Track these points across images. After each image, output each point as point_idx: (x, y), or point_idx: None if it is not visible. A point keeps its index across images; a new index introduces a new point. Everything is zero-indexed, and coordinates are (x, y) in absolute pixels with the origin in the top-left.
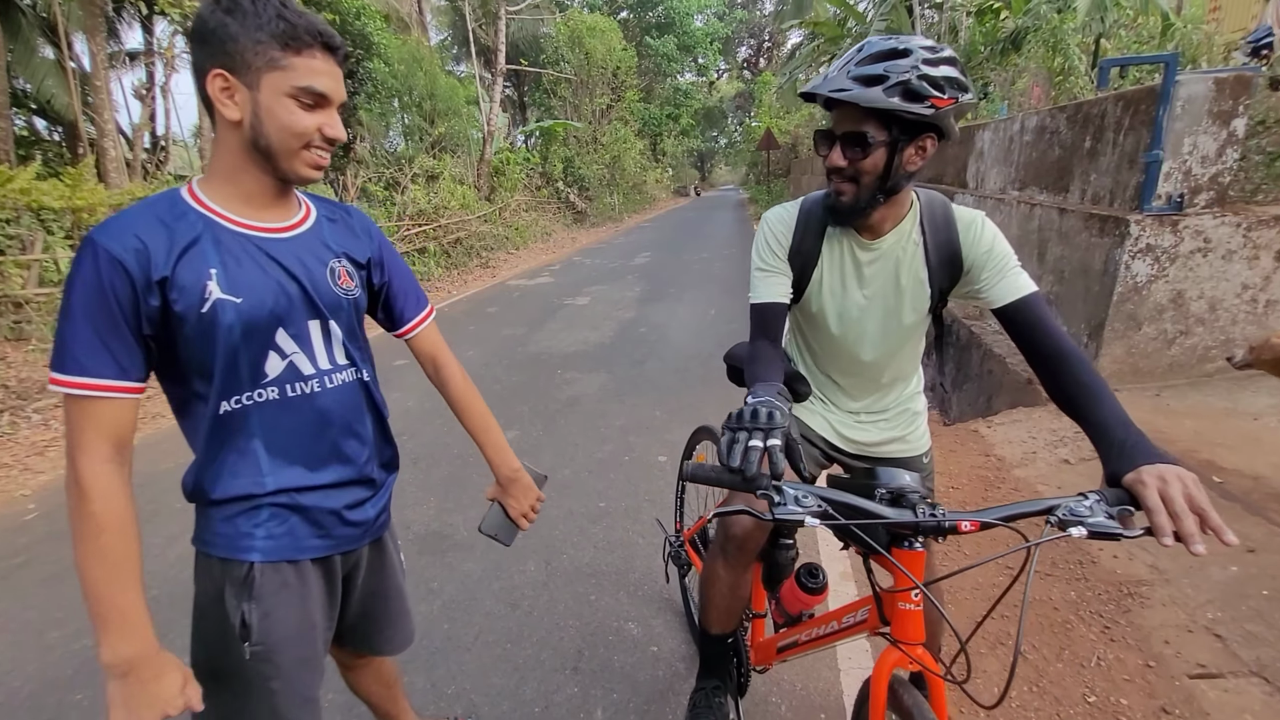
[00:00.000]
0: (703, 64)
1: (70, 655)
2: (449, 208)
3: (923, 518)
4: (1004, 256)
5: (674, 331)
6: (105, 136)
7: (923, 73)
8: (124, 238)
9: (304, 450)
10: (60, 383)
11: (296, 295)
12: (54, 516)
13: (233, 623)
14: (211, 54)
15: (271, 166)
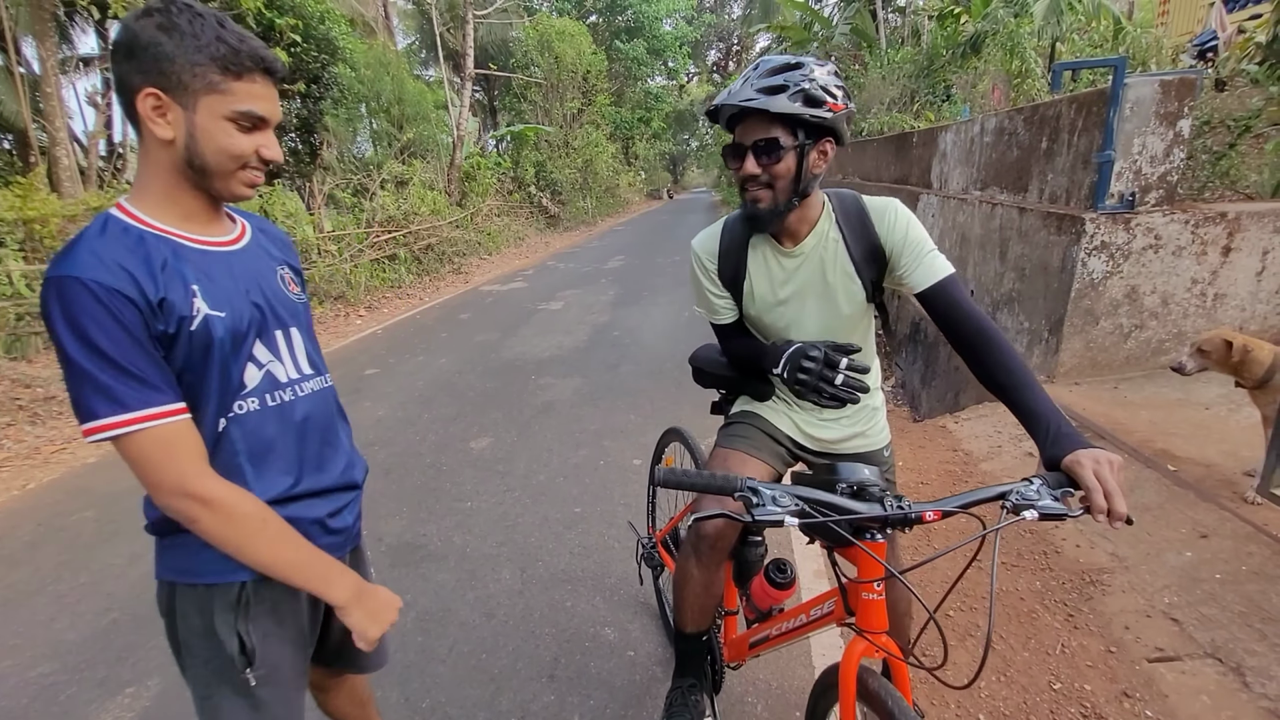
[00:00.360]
0: (673, 68)
1: (25, 684)
2: (419, 214)
3: (890, 510)
4: (919, 242)
5: (648, 335)
6: (58, 145)
7: (817, 80)
8: (108, 268)
9: (285, 459)
10: (116, 425)
11: (264, 305)
12: (4, 541)
13: (230, 651)
14: (143, 70)
15: (206, 185)
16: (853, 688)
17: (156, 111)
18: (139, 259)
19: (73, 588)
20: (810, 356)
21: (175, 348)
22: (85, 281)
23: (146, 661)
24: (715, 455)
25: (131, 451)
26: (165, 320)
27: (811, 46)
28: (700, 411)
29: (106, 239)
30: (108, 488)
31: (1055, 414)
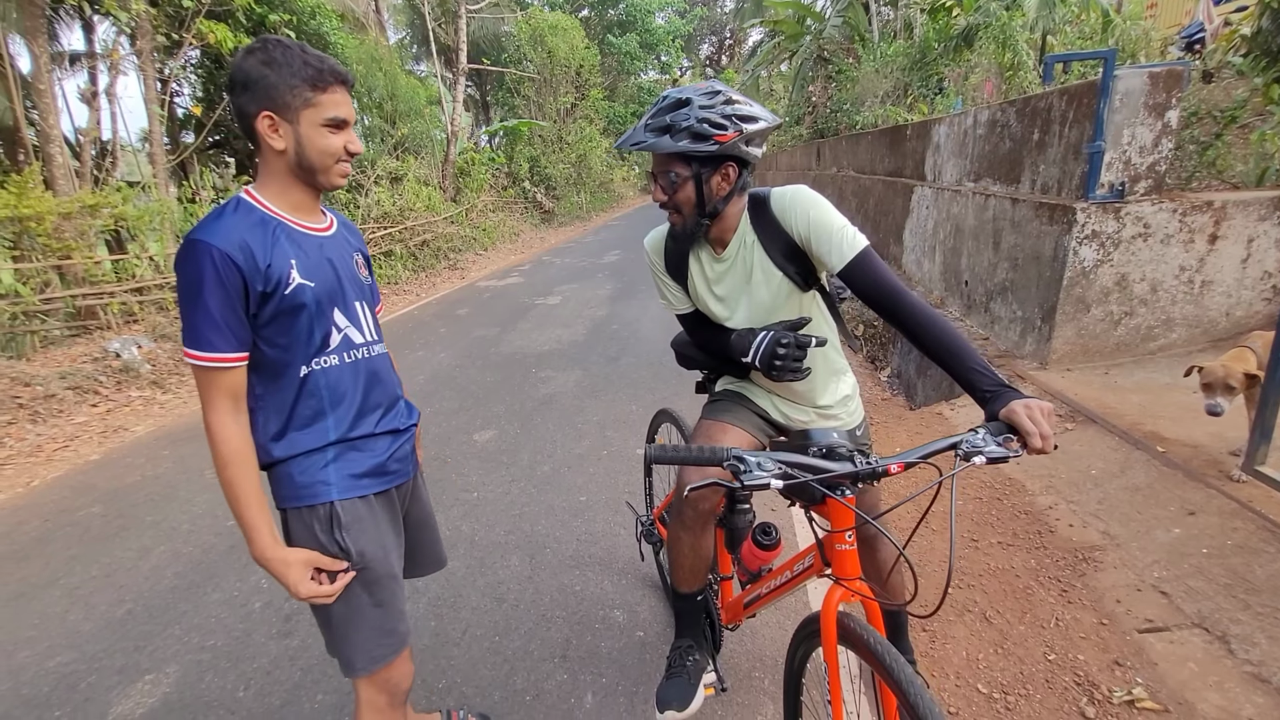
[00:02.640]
0: (665, 62)
1: (44, 673)
2: (414, 209)
3: (860, 466)
4: (824, 224)
5: (646, 328)
6: (51, 142)
7: (702, 116)
8: (230, 238)
9: (357, 404)
10: (195, 357)
11: (343, 280)
12: (15, 536)
13: (333, 553)
14: (256, 99)
15: (311, 180)
16: (833, 632)
17: (271, 129)
18: (257, 233)
19: (84, 581)
20: (783, 344)
21: (269, 304)
22: (211, 245)
23: (163, 650)
24: (700, 428)
25: (200, 377)
26: (266, 281)
27: (804, 40)
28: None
29: (238, 215)
30: (112, 484)
31: (988, 372)
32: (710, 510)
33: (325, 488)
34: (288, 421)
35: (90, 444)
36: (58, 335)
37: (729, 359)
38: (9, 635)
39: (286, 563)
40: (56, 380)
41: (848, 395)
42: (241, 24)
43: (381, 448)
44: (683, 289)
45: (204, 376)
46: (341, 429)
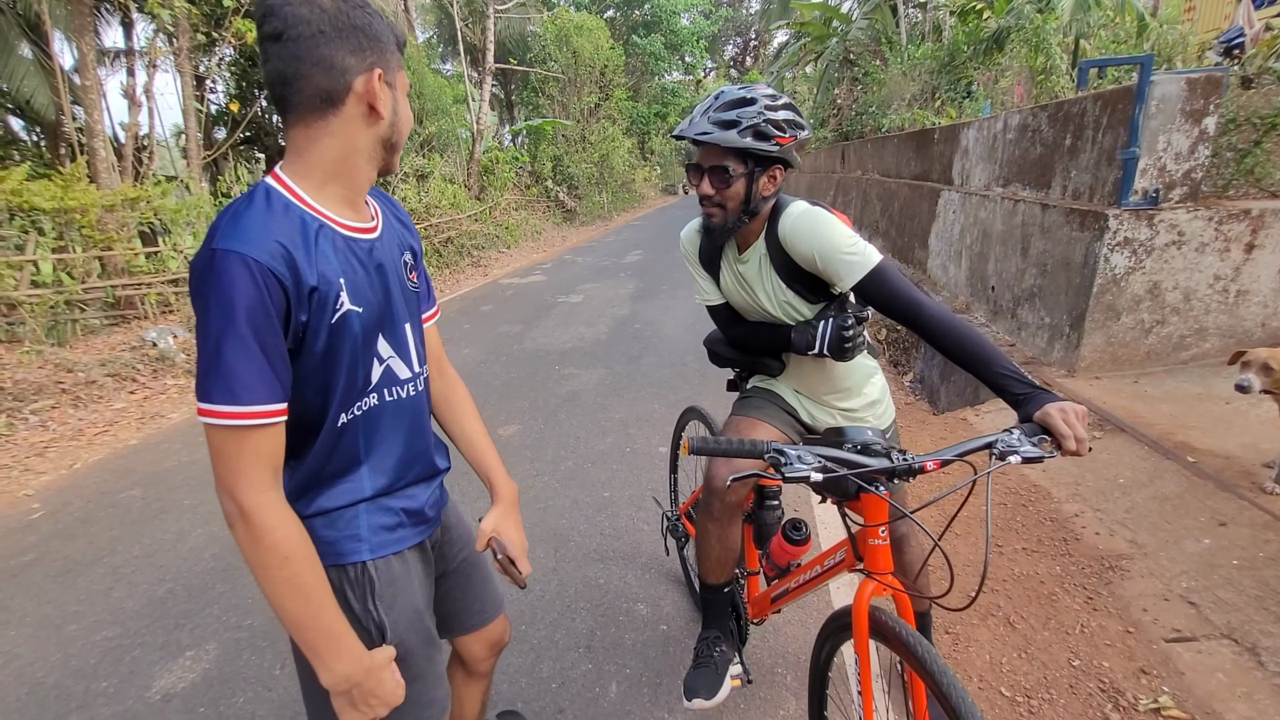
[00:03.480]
0: (690, 62)
1: (91, 646)
2: (440, 207)
3: (897, 463)
4: (833, 246)
5: (668, 328)
6: (96, 136)
7: (767, 117)
8: (267, 245)
9: (398, 454)
10: (221, 414)
11: (394, 297)
12: (60, 515)
13: (365, 626)
14: (367, 52)
15: (388, 161)
16: (865, 625)
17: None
18: (298, 239)
19: (126, 560)
20: (846, 326)
21: (310, 338)
22: (247, 257)
23: (203, 629)
24: (730, 423)
25: (222, 440)
26: (308, 310)
27: (830, 43)
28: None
29: (271, 213)
30: (150, 468)
31: (1023, 379)
32: (738, 504)
33: (356, 544)
34: (314, 479)
35: (129, 429)
36: (97, 324)
37: (761, 353)
38: (58, 609)
39: (379, 667)
40: (97, 367)
41: (876, 400)
42: None
43: (422, 495)
44: (714, 281)
45: (233, 440)
46: (378, 482)
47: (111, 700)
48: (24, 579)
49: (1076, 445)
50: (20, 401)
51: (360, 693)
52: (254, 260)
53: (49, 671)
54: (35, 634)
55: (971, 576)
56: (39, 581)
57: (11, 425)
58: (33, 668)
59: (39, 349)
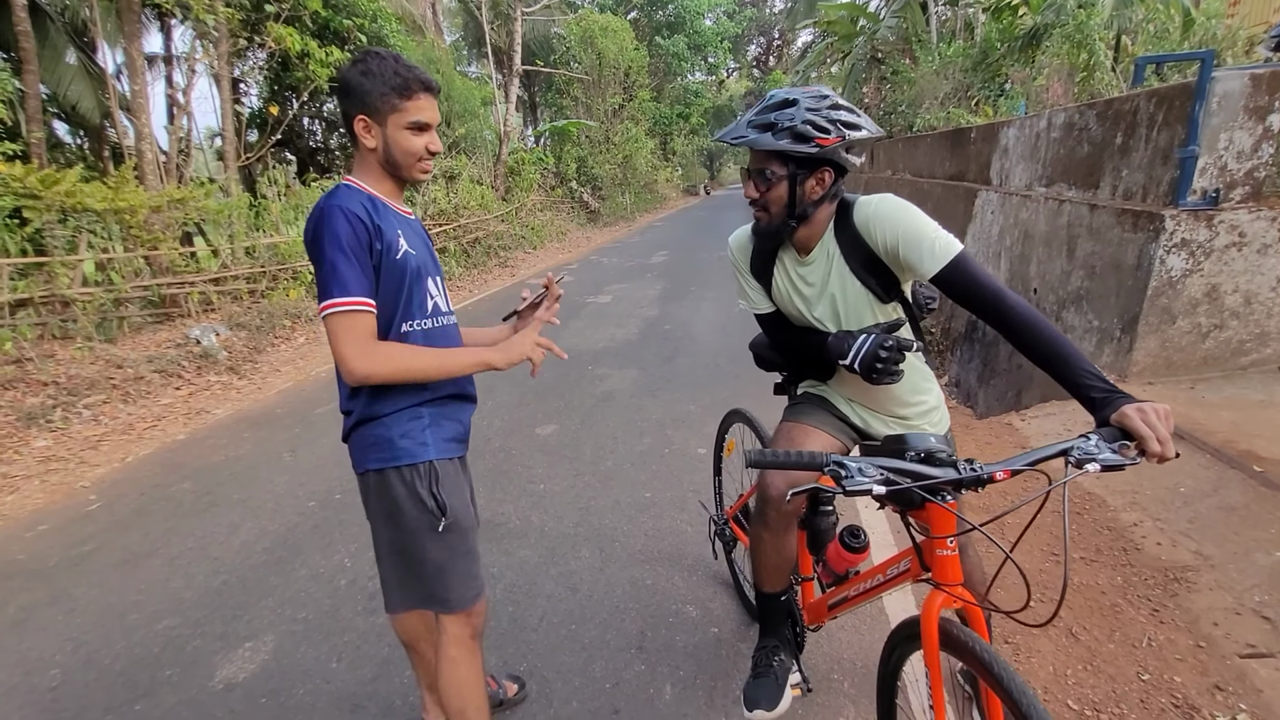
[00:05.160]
0: (713, 63)
1: (154, 635)
2: (468, 207)
3: (964, 473)
4: (914, 233)
5: (700, 328)
6: (143, 140)
7: (807, 118)
8: (353, 204)
9: None
10: (338, 304)
11: (429, 256)
12: (116, 507)
13: (430, 508)
14: (354, 104)
15: (398, 174)
16: (935, 637)
17: (365, 130)
18: (368, 206)
19: (182, 551)
20: (885, 347)
21: (383, 267)
22: (343, 209)
23: (259, 620)
24: (781, 430)
25: (337, 324)
26: (382, 242)
27: (857, 42)
28: (759, 403)
29: (351, 193)
30: (199, 462)
31: (1100, 378)
32: (793, 511)
33: (424, 448)
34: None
35: (176, 424)
36: (142, 321)
37: (809, 361)
38: (120, 599)
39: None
40: (144, 363)
41: (934, 407)
42: (308, 28)
43: (465, 415)
44: (764, 290)
45: (348, 322)
46: (438, 389)
47: (176, 689)
48: (86, 568)
49: (1161, 447)
50: (74, 396)
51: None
52: (348, 209)
53: (115, 659)
54: (100, 622)
55: (1037, 589)
56: (100, 571)
57: (67, 419)
58: (100, 655)
59: (90, 345)
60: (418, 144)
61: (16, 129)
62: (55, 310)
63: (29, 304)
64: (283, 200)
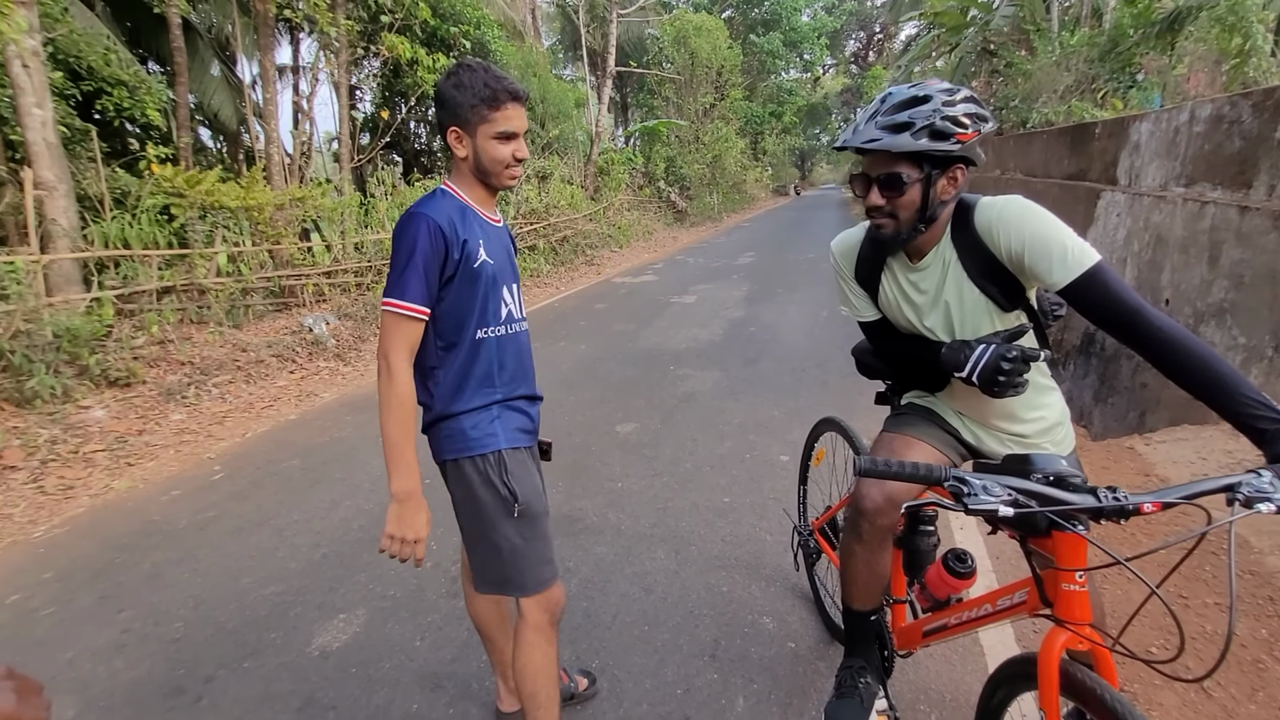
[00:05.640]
0: (809, 60)
1: (262, 599)
2: (558, 207)
3: (1105, 501)
4: (1043, 239)
5: (786, 332)
6: (272, 143)
7: (945, 114)
8: (439, 213)
9: (514, 371)
10: (397, 305)
11: (511, 264)
12: (236, 478)
13: (504, 495)
14: (448, 115)
15: (486, 181)
16: (1055, 679)
17: (456, 140)
18: (457, 215)
19: (289, 524)
20: (1009, 358)
21: (459, 275)
22: (429, 217)
23: (353, 594)
24: (882, 440)
25: (391, 323)
26: (460, 252)
27: (967, 33)
28: (848, 412)
29: (445, 200)
30: (306, 441)
31: (1266, 405)
32: (889, 527)
33: (493, 439)
34: (464, 379)
35: (289, 405)
36: (264, 309)
37: (918, 372)
38: (235, 563)
39: (420, 506)
40: (265, 348)
41: (1056, 423)
42: (418, 36)
43: (531, 409)
44: (869, 297)
45: (397, 324)
46: (505, 390)
47: (279, 651)
48: (209, 533)
49: None
50: (206, 375)
51: (405, 510)
52: (432, 219)
53: (228, 618)
54: (218, 583)
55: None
56: (219, 537)
57: (199, 396)
58: (216, 613)
59: (220, 330)
60: (505, 152)
61: (169, 135)
62: (193, 297)
63: (172, 291)
64: (389, 199)
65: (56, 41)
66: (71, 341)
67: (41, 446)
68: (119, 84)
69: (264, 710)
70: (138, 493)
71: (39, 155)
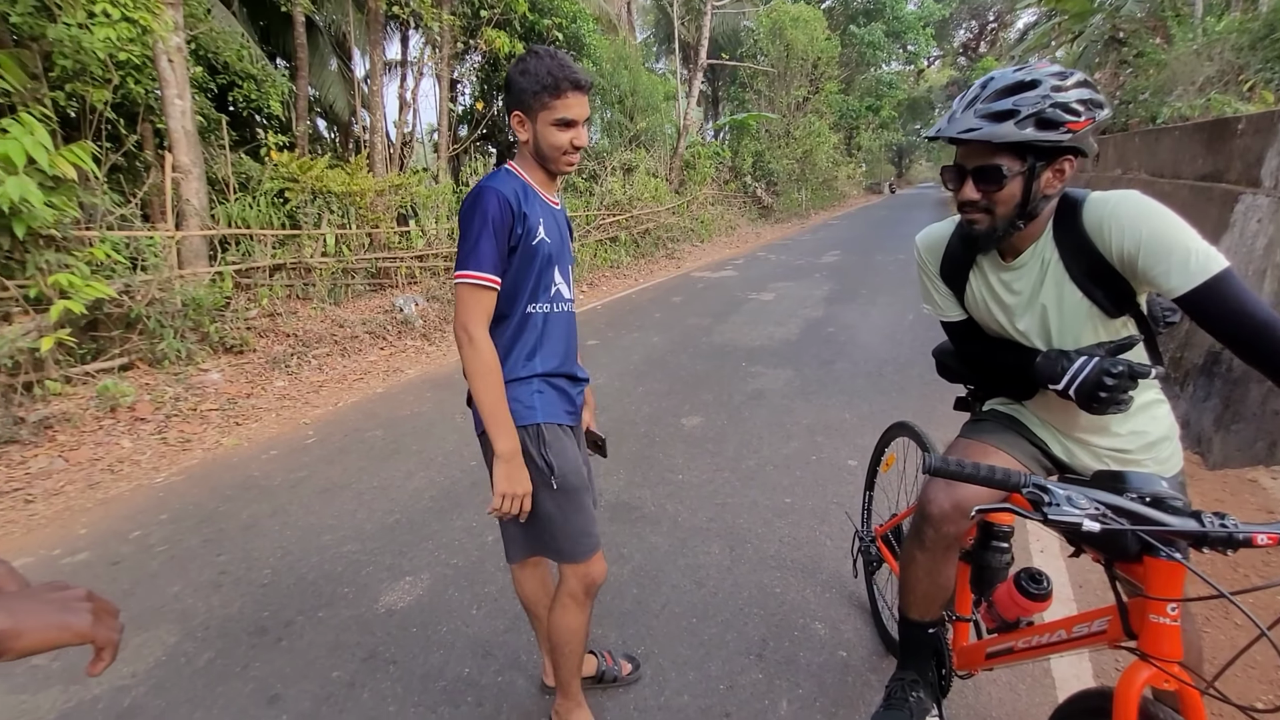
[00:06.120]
0: (912, 51)
1: (340, 556)
2: (642, 199)
3: (1211, 527)
4: (1162, 240)
5: (865, 334)
6: (377, 134)
7: (1055, 100)
8: (506, 187)
9: (557, 349)
10: (474, 277)
11: (566, 245)
12: (326, 442)
13: (540, 466)
14: (513, 100)
15: (546, 165)
16: (1133, 717)
17: (518, 124)
18: (519, 192)
19: (369, 489)
20: (1114, 373)
21: (520, 249)
22: (497, 190)
23: (419, 559)
24: (957, 446)
25: (466, 295)
26: (523, 227)
27: (1093, 20)
28: (924, 419)
29: (509, 177)
30: (390, 414)
31: None
32: (956, 536)
33: (532, 411)
34: (509, 350)
35: (377, 379)
36: (361, 289)
37: (1005, 378)
38: (318, 520)
39: (523, 463)
40: (359, 325)
41: (1162, 438)
42: (517, 30)
43: (573, 389)
44: (954, 296)
45: (473, 294)
46: (548, 365)
47: (350, 605)
48: (299, 491)
49: None
50: (307, 347)
51: (513, 467)
52: (500, 193)
53: (309, 570)
54: (303, 538)
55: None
56: (308, 496)
57: (300, 366)
58: (299, 565)
59: (322, 306)
60: (563, 139)
61: (288, 124)
62: (300, 275)
63: (283, 268)
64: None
65: (198, 39)
66: (196, 310)
67: (167, 403)
68: (249, 78)
69: (333, 657)
70: (242, 450)
71: (178, 142)
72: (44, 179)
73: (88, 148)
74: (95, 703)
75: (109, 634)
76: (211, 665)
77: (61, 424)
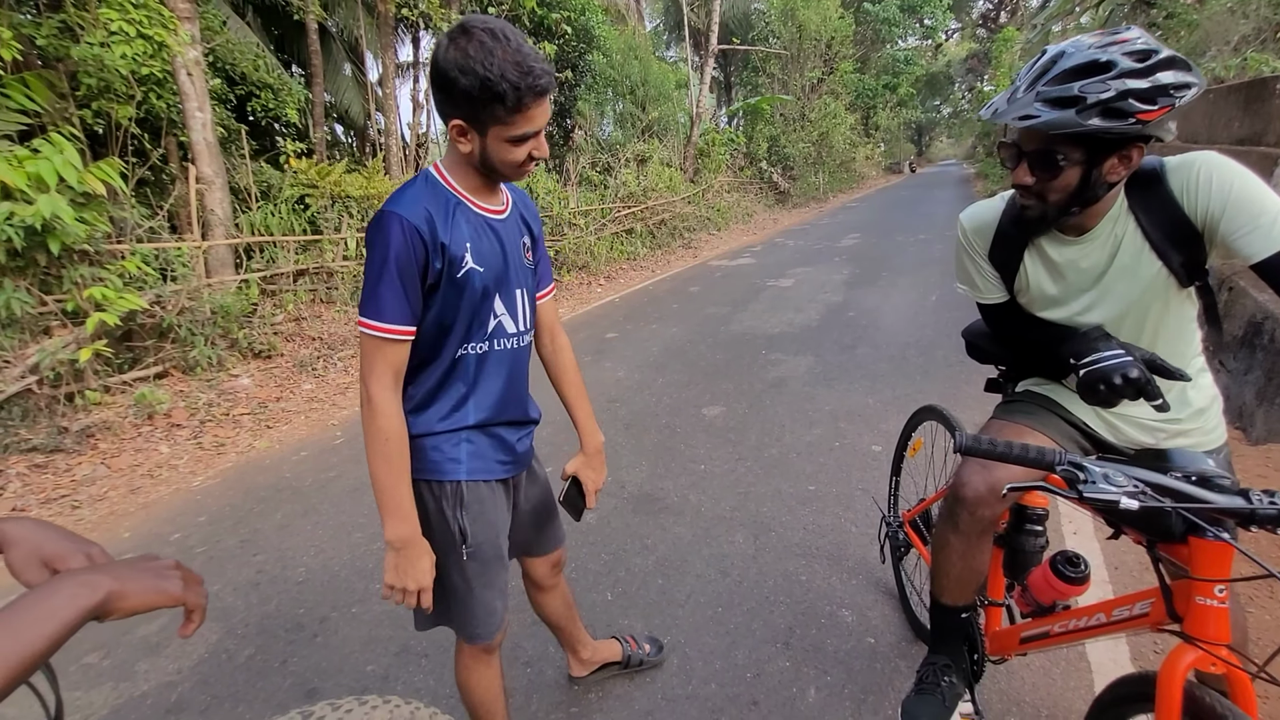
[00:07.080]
0: (929, 25)
1: (370, 552)
2: (656, 190)
3: (1259, 504)
4: (1249, 200)
5: (887, 317)
6: (391, 137)
7: (1128, 88)
8: (417, 210)
9: (493, 393)
10: (372, 327)
11: (511, 266)
12: (355, 442)
13: (452, 530)
14: (451, 106)
15: (493, 176)
16: (1177, 702)
17: (459, 135)
18: (440, 208)
19: None
20: (1130, 376)
21: (442, 284)
22: (402, 217)
23: None
24: (990, 427)
25: (367, 345)
26: (442, 260)
27: None
28: (951, 401)
29: (426, 188)
30: None
31: None
32: (991, 519)
33: (455, 466)
34: (432, 399)
35: None
36: None
37: (1037, 356)
38: (349, 519)
39: (422, 552)
40: None
41: (1203, 408)
42: (526, 26)
43: (515, 435)
44: (1001, 278)
45: (375, 347)
46: (480, 415)
47: (382, 601)
48: (329, 490)
49: None
50: (332, 350)
51: (402, 558)
52: (405, 220)
53: (341, 567)
54: (334, 535)
55: None
56: (338, 494)
57: (326, 368)
58: (331, 561)
59: (345, 309)
60: (520, 154)
61: (305, 131)
62: (323, 279)
63: (306, 273)
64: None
65: (215, 51)
66: (225, 317)
67: (200, 409)
68: (266, 87)
69: (367, 651)
70: (274, 452)
71: (200, 153)
72: (75, 195)
73: (115, 164)
74: (144, 699)
75: (197, 598)
76: (252, 661)
77: (102, 432)
